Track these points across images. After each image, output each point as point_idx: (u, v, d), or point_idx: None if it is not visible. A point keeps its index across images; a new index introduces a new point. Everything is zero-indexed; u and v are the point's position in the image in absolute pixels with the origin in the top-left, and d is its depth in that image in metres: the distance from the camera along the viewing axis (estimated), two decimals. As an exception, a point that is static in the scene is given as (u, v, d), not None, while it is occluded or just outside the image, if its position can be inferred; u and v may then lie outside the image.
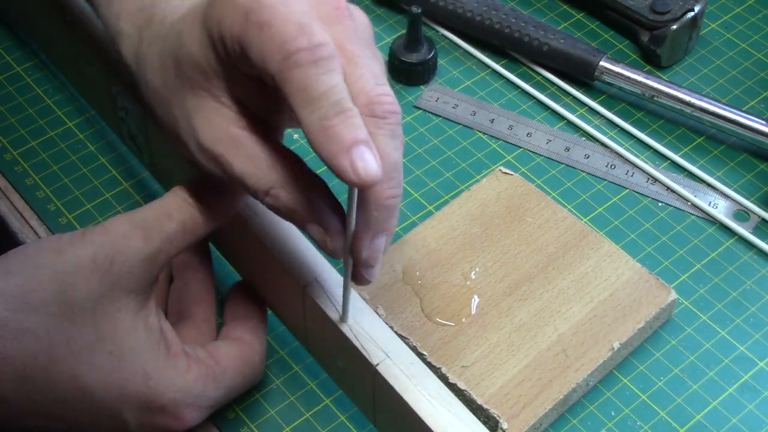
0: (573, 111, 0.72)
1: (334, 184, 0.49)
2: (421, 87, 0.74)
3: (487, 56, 0.75)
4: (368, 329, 0.51)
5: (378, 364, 0.50)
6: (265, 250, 0.54)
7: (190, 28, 0.49)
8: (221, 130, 0.49)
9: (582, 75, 0.73)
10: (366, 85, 0.46)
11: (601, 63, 0.72)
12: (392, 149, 0.47)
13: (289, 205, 0.48)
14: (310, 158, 0.49)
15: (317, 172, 0.49)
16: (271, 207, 0.48)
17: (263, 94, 0.49)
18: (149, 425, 0.51)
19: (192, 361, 0.52)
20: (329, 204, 0.48)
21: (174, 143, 0.52)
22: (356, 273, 0.50)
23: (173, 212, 0.51)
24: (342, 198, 0.48)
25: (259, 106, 0.50)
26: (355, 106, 0.45)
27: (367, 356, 0.50)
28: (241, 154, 0.48)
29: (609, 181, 0.69)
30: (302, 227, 0.48)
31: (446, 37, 0.77)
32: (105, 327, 0.49)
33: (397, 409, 0.50)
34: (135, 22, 0.55)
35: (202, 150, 0.49)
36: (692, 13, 0.73)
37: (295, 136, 0.70)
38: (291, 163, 0.48)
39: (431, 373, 0.51)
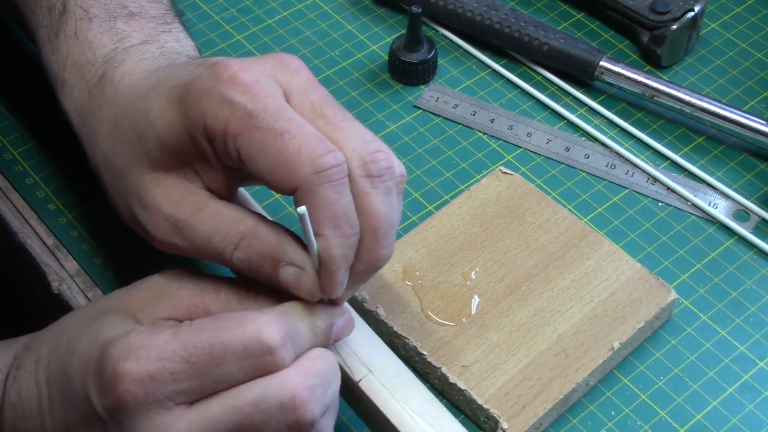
0: (573, 111, 0.72)
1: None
2: (421, 87, 0.74)
3: (487, 56, 0.75)
4: (351, 343, 0.51)
5: (360, 381, 0.50)
6: None
7: (159, 109, 0.49)
8: (183, 197, 0.49)
9: (582, 75, 0.73)
10: (357, 145, 0.47)
11: (601, 63, 0.72)
12: (388, 208, 0.47)
13: (261, 250, 0.47)
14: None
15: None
16: (241, 262, 0.48)
17: (227, 176, 0.49)
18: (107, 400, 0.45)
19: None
20: (300, 244, 0.48)
21: (120, 212, 0.52)
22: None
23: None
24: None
25: (219, 185, 0.50)
26: (350, 167, 0.46)
27: (349, 372, 0.50)
28: (204, 216, 0.48)
29: (609, 181, 0.69)
30: (273, 275, 0.47)
31: (446, 37, 0.77)
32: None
33: (381, 423, 0.50)
34: (83, 75, 0.54)
35: (162, 219, 0.49)
36: (692, 13, 0.73)
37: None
38: (254, 214, 0.48)
39: (417, 385, 0.50)
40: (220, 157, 0.48)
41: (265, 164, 0.46)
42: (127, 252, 0.64)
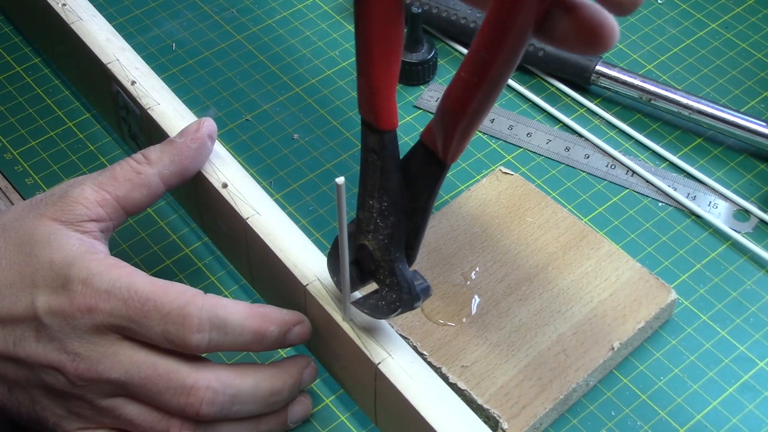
0: (570, 114, 0.72)
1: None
2: (421, 87, 0.74)
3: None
4: (370, 328, 0.51)
5: (380, 363, 0.50)
6: (267, 249, 0.54)
7: None
8: None
9: (578, 80, 0.73)
10: None
11: (597, 68, 0.72)
12: None
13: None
14: (308, 159, 0.49)
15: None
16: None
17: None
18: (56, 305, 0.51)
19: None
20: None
21: None
22: None
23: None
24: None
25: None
26: None
27: (368, 355, 0.50)
28: None
29: (609, 181, 0.69)
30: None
31: (442, 41, 0.77)
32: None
33: (398, 408, 0.50)
34: None
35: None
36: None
37: (296, 136, 0.70)
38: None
39: (433, 372, 0.51)
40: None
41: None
42: (126, 252, 0.64)
